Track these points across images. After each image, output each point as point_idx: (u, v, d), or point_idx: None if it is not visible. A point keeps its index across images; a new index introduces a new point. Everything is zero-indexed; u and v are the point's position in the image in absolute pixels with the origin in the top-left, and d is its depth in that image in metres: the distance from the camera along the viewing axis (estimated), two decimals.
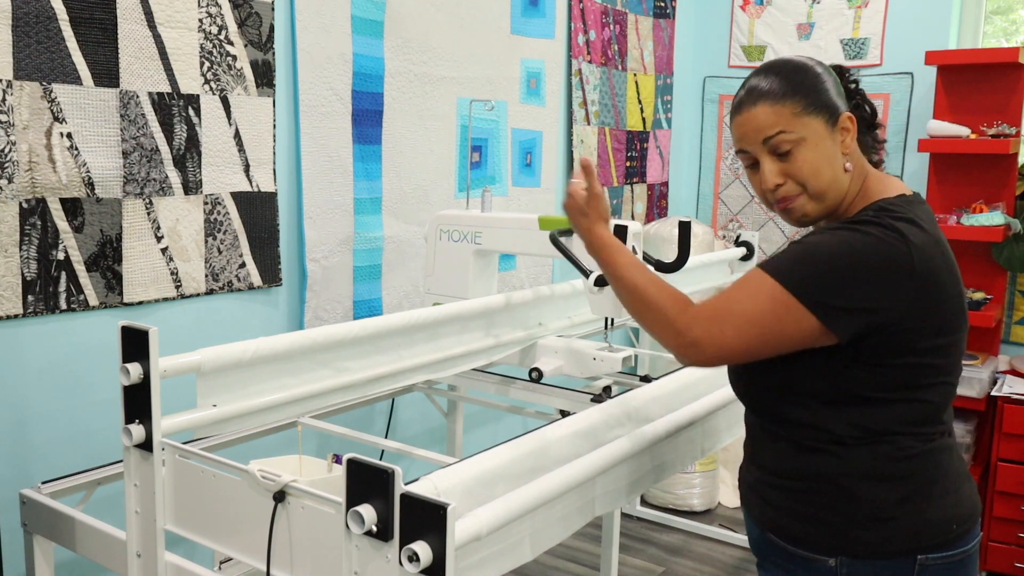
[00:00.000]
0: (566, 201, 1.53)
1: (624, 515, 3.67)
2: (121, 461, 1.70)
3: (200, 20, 2.16)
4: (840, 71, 1.45)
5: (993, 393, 3.24)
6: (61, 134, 1.93)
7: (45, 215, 1.92)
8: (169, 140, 2.13)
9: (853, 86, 1.45)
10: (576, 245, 2.08)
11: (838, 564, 1.36)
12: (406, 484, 1.22)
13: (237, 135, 2.28)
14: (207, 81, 2.20)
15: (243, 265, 2.33)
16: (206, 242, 2.24)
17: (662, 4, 4.04)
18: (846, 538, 1.35)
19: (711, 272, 3.18)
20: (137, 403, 1.44)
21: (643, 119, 4.00)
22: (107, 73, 1.99)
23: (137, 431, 1.44)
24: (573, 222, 1.52)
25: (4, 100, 1.83)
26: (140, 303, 2.12)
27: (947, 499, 1.36)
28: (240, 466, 1.41)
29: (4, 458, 1.92)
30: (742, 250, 3.31)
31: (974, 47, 3.76)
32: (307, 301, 2.50)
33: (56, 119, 1.92)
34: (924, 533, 1.34)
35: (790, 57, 1.45)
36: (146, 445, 1.45)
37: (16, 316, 1.89)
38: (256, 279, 2.37)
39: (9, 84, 1.83)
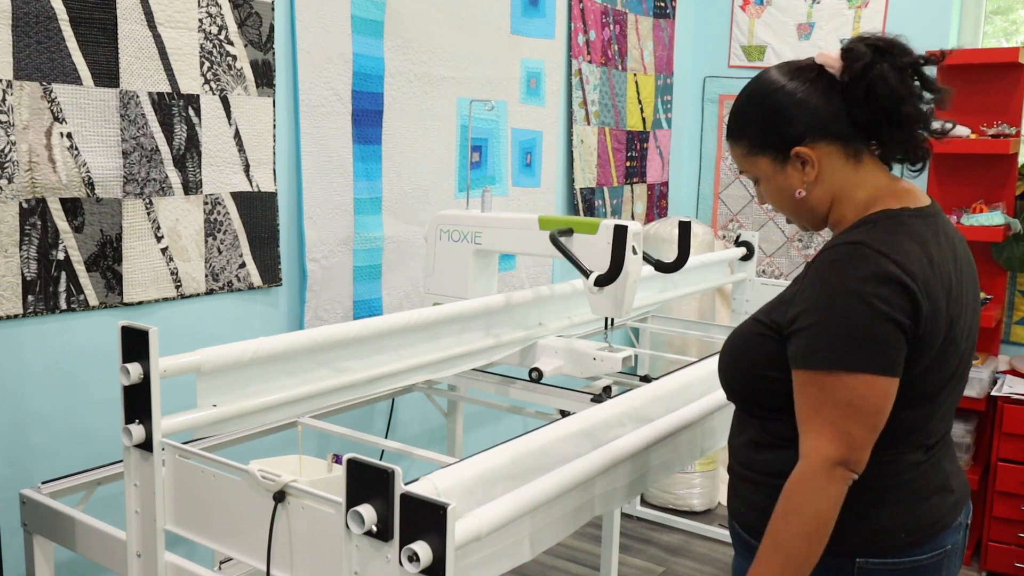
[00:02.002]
0: None
1: (624, 515, 3.67)
2: (121, 461, 1.70)
3: (200, 20, 2.16)
4: (868, 66, 1.30)
5: (993, 393, 3.24)
6: (61, 134, 1.93)
7: (45, 215, 1.92)
8: (169, 140, 2.13)
9: (874, 86, 1.30)
10: (576, 245, 2.08)
11: None
12: (406, 484, 1.22)
13: (237, 135, 2.28)
14: (207, 81, 2.20)
15: (243, 265, 2.33)
16: (206, 242, 2.24)
17: (662, 4, 4.04)
18: None
19: (711, 272, 3.18)
20: (137, 403, 1.44)
21: (643, 119, 4.00)
22: (107, 73, 1.99)
23: (137, 431, 1.44)
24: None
25: (4, 100, 1.83)
26: (140, 303, 2.12)
27: (899, 507, 1.34)
28: (240, 466, 1.41)
29: (4, 458, 1.92)
30: (742, 250, 3.32)
31: (974, 47, 3.76)
32: (307, 301, 2.50)
33: (56, 119, 1.91)
34: (865, 538, 1.33)
35: (754, 82, 1.40)
36: (146, 445, 1.45)
37: (16, 316, 1.89)
38: (256, 279, 2.37)
39: (9, 84, 1.83)
